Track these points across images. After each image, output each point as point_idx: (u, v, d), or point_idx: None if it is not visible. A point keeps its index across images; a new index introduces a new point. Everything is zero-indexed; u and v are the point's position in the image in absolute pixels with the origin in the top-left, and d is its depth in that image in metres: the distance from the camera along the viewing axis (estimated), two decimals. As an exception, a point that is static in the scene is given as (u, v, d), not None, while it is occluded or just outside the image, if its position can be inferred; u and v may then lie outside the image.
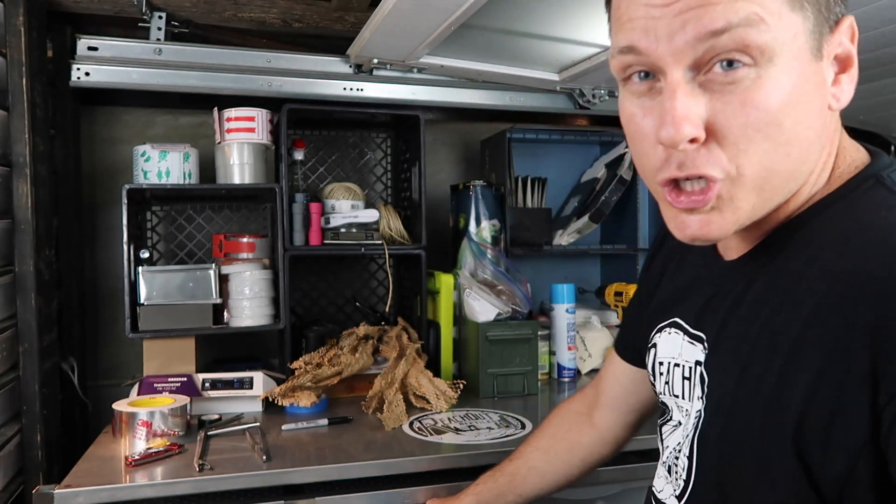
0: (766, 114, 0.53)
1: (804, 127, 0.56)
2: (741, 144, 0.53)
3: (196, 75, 1.89)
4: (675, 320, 0.74)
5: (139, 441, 1.52)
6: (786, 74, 0.53)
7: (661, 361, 0.76)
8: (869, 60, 1.71)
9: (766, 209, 0.59)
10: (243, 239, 1.94)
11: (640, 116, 0.58)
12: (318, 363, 1.82)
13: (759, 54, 0.52)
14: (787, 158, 0.56)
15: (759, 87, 0.53)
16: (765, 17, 0.51)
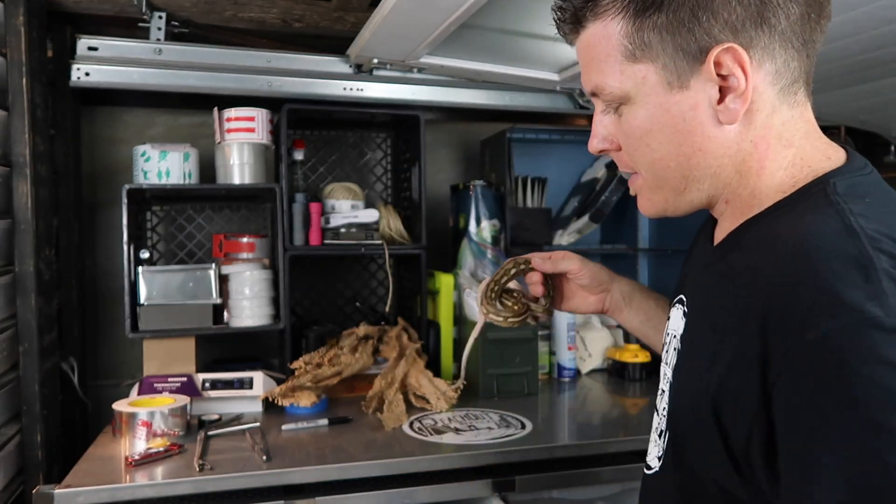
0: (634, 137, 0.72)
1: (676, 143, 0.70)
2: (629, 155, 0.75)
3: (196, 75, 1.89)
4: (680, 297, 0.81)
5: (139, 441, 1.52)
6: (643, 108, 0.70)
7: (666, 333, 0.82)
8: (869, 60, 1.71)
9: (687, 201, 0.74)
10: (243, 239, 1.94)
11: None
12: (318, 363, 1.82)
13: (619, 100, 0.72)
14: (667, 167, 0.72)
15: (626, 119, 0.72)
16: (607, 82, 0.71)
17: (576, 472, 1.48)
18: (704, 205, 0.75)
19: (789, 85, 0.70)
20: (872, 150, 2.79)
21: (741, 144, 0.69)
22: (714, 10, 0.65)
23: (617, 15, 0.69)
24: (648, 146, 0.71)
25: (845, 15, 1.40)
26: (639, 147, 0.72)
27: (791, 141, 0.70)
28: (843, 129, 2.78)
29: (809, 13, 0.71)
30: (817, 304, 0.55)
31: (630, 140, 0.73)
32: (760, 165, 0.70)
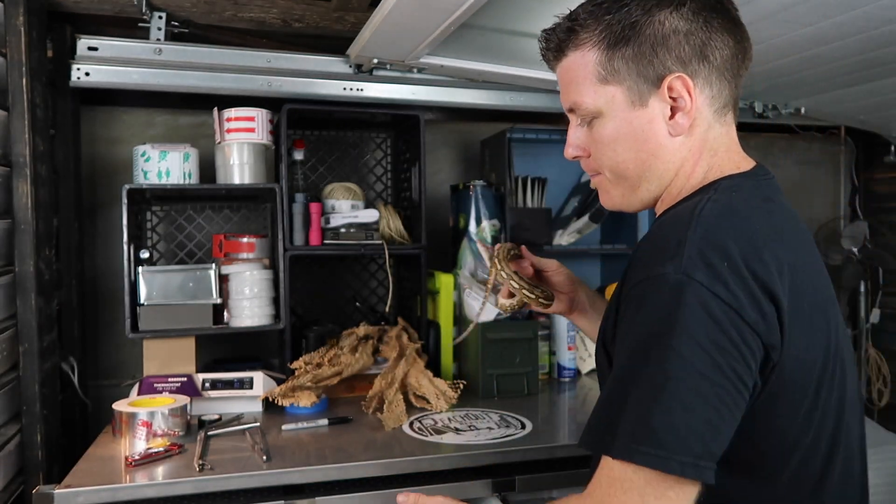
0: (602, 144, 0.92)
1: (631, 151, 0.90)
2: (597, 159, 0.94)
3: (196, 75, 1.89)
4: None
5: (139, 441, 1.52)
6: (611, 121, 0.90)
7: None
8: (869, 60, 1.71)
9: (639, 198, 0.94)
10: (243, 239, 1.94)
11: None
12: (318, 363, 1.82)
13: (591, 114, 0.91)
14: (626, 168, 0.91)
15: (596, 130, 0.92)
16: (583, 100, 0.90)
17: (576, 471, 1.48)
18: (651, 202, 0.94)
19: (721, 108, 0.90)
20: (872, 150, 2.79)
21: (683, 152, 0.89)
22: (668, 47, 0.85)
23: (594, 47, 0.87)
24: (614, 151, 0.90)
25: (845, 15, 1.40)
26: (605, 152, 0.91)
27: (716, 151, 0.91)
28: (843, 129, 2.78)
29: (737, 54, 0.89)
30: (641, 260, 0.82)
31: (599, 146, 0.91)
32: (693, 170, 0.90)
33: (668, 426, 0.71)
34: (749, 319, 0.73)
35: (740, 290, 0.73)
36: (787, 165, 2.76)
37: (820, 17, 1.42)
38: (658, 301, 0.75)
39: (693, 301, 0.72)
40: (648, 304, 0.76)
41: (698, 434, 0.71)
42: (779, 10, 1.39)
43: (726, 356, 0.72)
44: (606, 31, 0.86)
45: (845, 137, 2.82)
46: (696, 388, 0.71)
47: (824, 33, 1.51)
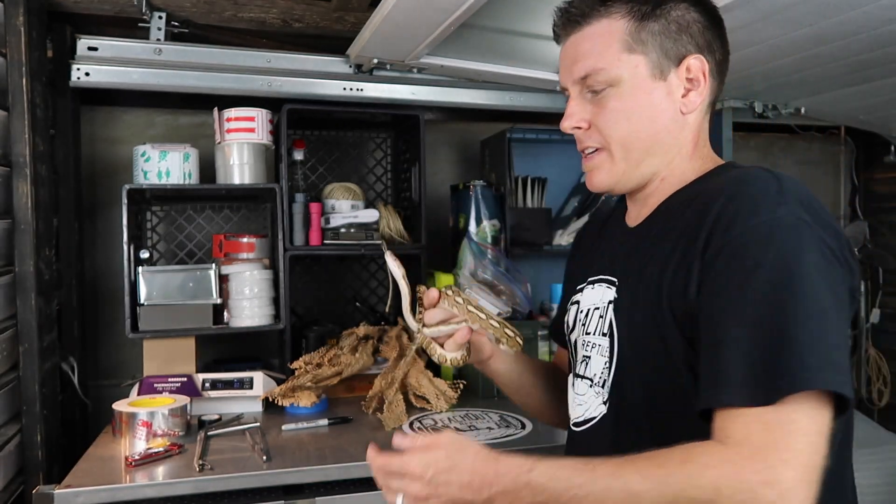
0: (616, 112, 0.91)
1: (645, 124, 0.91)
2: (606, 130, 0.92)
3: (196, 75, 1.89)
4: (599, 277, 0.99)
5: (139, 441, 1.52)
6: (629, 91, 0.90)
7: (583, 311, 1.00)
8: (869, 60, 1.71)
9: (639, 174, 0.93)
10: (243, 239, 1.94)
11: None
12: (318, 363, 1.82)
13: (608, 83, 0.90)
14: (636, 140, 0.91)
15: (611, 99, 0.91)
16: (605, 67, 0.90)
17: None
18: (645, 181, 0.94)
19: (710, 103, 0.95)
20: (872, 150, 2.79)
21: (686, 133, 0.93)
22: (691, 33, 0.91)
23: (623, 17, 0.90)
24: (629, 121, 0.91)
25: (845, 15, 1.40)
26: (619, 122, 0.91)
27: (705, 142, 0.96)
28: (843, 129, 2.78)
29: (726, 60, 0.95)
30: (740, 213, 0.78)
31: (611, 116, 0.91)
32: (692, 152, 0.94)
33: (840, 354, 0.71)
34: (847, 264, 0.78)
35: (838, 236, 0.78)
36: (787, 165, 2.76)
37: (820, 17, 1.42)
38: (784, 241, 0.75)
39: (813, 240, 0.75)
40: (773, 246, 0.74)
41: (847, 365, 0.73)
42: (779, 10, 1.39)
43: (842, 292, 0.76)
44: (637, 5, 0.90)
45: (845, 137, 2.82)
46: (837, 320, 0.74)
47: (824, 33, 1.51)
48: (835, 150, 2.84)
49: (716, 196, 0.82)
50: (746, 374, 0.71)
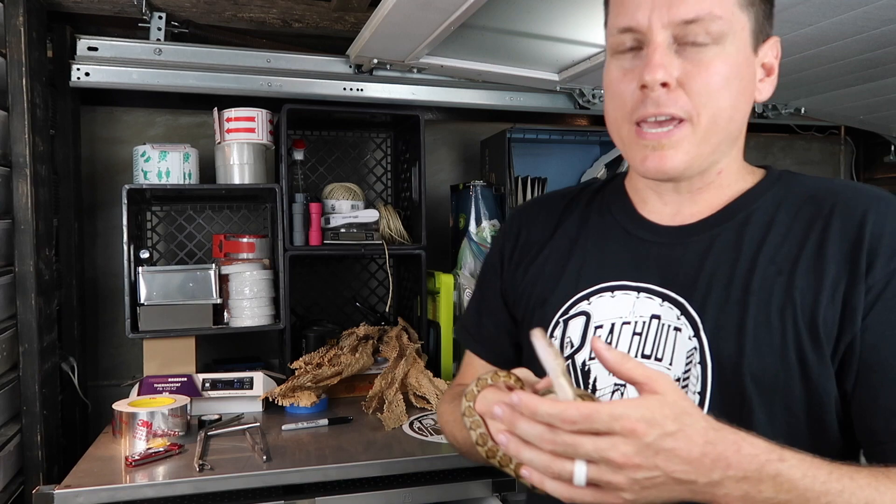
0: (719, 77, 0.73)
1: (740, 99, 0.76)
2: (702, 97, 0.73)
3: (196, 75, 1.89)
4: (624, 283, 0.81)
5: (139, 441, 1.52)
6: (733, 55, 0.74)
7: (601, 324, 0.81)
8: (869, 60, 1.71)
9: (705, 162, 0.77)
10: (243, 239, 1.94)
11: (622, 77, 0.76)
12: (319, 363, 1.82)
13: (716, 37, 0.72)
14: (729, 118, 0.75)
15: (714, 58, 0.73)
16: (721, 14, 0.72)
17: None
18: (705, 169, 0.79)
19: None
20: (872, 150, 2.79)
21: (745, 131, 0.81)
22: (773, 16, 0.80)
23: None
24: (728, 91, 0.74)
25: (845, 15, 1.40)
26: (719, 90, 0.73)
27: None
28: (843, 129, 2.78)
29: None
30: None
31: (712, 80, 0.73)
32: (742, 147, 0.83)
33: None
34: None
35: None
36: (787, 165, 2.75)
37: (820, 17, 1.42)
38: None
39: None
40: None
41: None
42: (779, 10, 1.37)
43: None
44: None
45: (845, 137, 2.82)
46: None
47: (824, 33, 1.51)
48: (835, 150, 2.84)
49: (850, 210, 0.73)
50: None
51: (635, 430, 0.56)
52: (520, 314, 0.92)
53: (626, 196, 0.88)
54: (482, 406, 0.68)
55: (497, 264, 0.96)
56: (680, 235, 0.80)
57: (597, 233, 0.88)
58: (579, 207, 0.91)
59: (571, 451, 0.58)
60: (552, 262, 0.89)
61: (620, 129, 0.78)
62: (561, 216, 0.92)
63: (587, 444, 0.57)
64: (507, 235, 0.97)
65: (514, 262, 0.93)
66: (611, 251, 0.85)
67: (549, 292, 0.87)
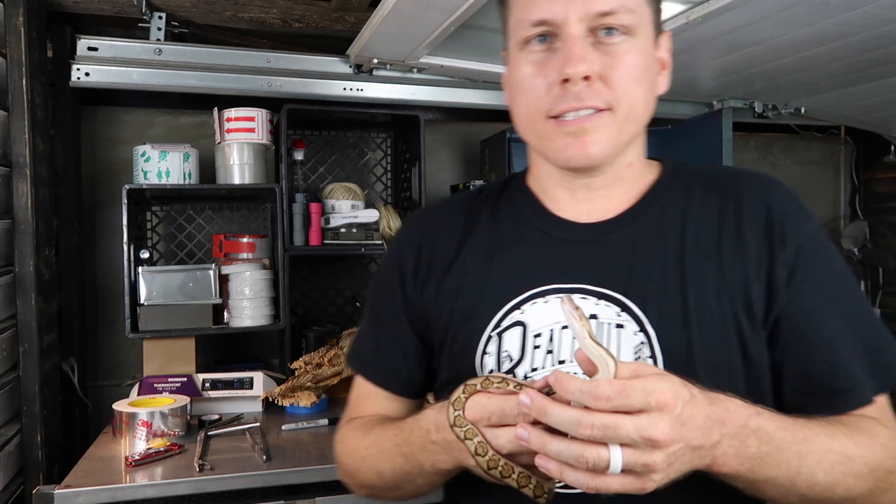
0: (635, 69, 0.74)
1: (650, 91, 0.77)
2: (621, 88, 0.73)
3: (196, 75, 1.89)
4: (554, 286, 0.77)
5: (139, 441, 1.52)
6: (643, 47, 0.75)
7: (538, 332, 0.76)
8: (869, 60, 1.71)
9: (621, 151, 0.78)
10: (243, 239, 1.94)
11: (536, 71, 0.75)
12: (319, 363, 1.82)
13: (629, 30, 0.73)
14: (644, 109, 0.76)
15: (629, 50, 0.73)
16: (633, 7, 0.73)
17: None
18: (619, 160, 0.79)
19: None
20: (872, 150, 2.79)
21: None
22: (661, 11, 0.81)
23: None
24: (642, 82, 0.75)
25: (845, 15, 1.40)
26: (635, 81, 0.74)
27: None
28: (843, 129, 2.78)
29: None
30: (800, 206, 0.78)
31: (629, 72, 0.73)
32: (644, 142, 0.83)
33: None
34: None
35: None
36: (787, 165, 2.76)
37: (820, 17, 1.42)
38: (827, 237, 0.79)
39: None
40: (830, 242, 0.78)
41: None
42: (779, 10, 1.39)
43: None
44: None
45: (845, 137, 2.82)
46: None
47: (824, 33, 1.51)
48: (835, 150, 2.84)
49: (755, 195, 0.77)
50: (868, 368, 0.73)
51: (668, 403, 0.56)
52: (437, 335, 0.84)
53: (534, 197, 0.84)
54: (476, 413, 0.65)
55: (396, 285, 0.87)
56: (601, 232, 0.79)
57: (514, 238, 0.82)
58: (485, 214, 0.86)
59: (611, 434, 0.55)
60: (470, 274, 0.82)
61: (535, 124, 0.76)
62: (466, 225, 0.86)
63: (628, 424, 0.55)
64: (404, 250, 0.88)
65: (421, 281, 0.85)
66: (535, 255, 0.80)
67: (475, 306, 0.80)
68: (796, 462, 0.64)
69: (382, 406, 0.89)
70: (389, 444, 0.78)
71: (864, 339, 0.74)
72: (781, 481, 0.64)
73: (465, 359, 0.79)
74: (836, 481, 0.66)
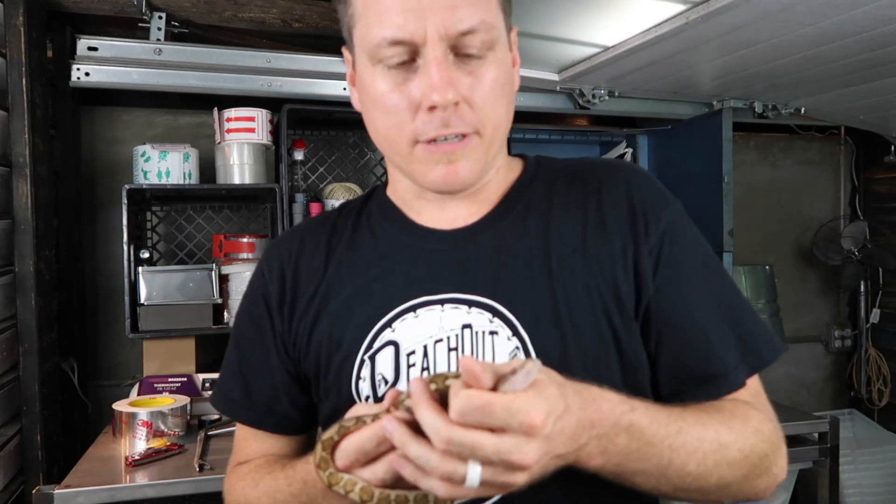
0: (497, 86, 0.69)
1: (511, 102, 0.73)
2: (485, 109, 0.69)
3: (196, 75, 1.89)
4: (425, 299, 0.73)
5: (139, 441, 1.52)
6: (502, 59, 0.71)
7: (412, 350, 0.73)
8: (869, 60, 1.71)
9: (490, 168, 0.75)
10: (243, 239, 1.94)
11: (394, 92, 0.69)
12: (318, 363, 1.82)
13: (489, 46, 0.68)
14: (507, 123, 0.73)
15: (489, 68, 0.69)
16: (492, 21, 0.68)
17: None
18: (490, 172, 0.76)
19: None
20: (872, 150, 2.79)
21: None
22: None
23: None
24: (504, 97, 0.71)
25: (845, 15, 1.40)
26: (497, 99, 0.70)
27: None
28: (843, 129, 2.78)
29: None
30: (659, 190, 0.78)
31: (492, 90, 0.69)
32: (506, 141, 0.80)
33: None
34: None
35: None
36: (787, 165, 2.76)
37: (820, 17, 1.42)
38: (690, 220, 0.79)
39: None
40: (692, 224, 0.78)
41: None
42: (779, 10, 1.39)
43: None
44: None
45: (845, 137, 2.82)
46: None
47: (824, 33, 1.51)
48: (835, 150, 2.84)
49: (615, 183, 0.76)
50: (739, 351, 0.74)
51: (535, 426, 0.52)
52: (311, 366, 0.78)
53: (396, 209, 0.80)
54: (345, 461, 0.60)
55: (262, 316, 0.81)
56: (466, 237, 0.76)
57: (376, 253, 0.78)
58: (346, 231, 0.81)
59: (468, 453, 0.52)
60: (334, 297, 0.77)
61: (399, 147, 0.71)
62: (328, 245, 0.81)
63: (488, 444, 0.51)
64: (267, 280, 0.82)
65: (288, 309, 0.80)
66: (400, 269, 0.76)
67: (343, 331, 0.75)
68: (668, 454, 0.63)
69: (267, 446, 0.83)
70: (284, 493, 0.73)
71: (733, 322, 0.74)
72: (651, 472, 0.63)
73: (340, 388, 0.75)
74: (708, 470, 0.65)
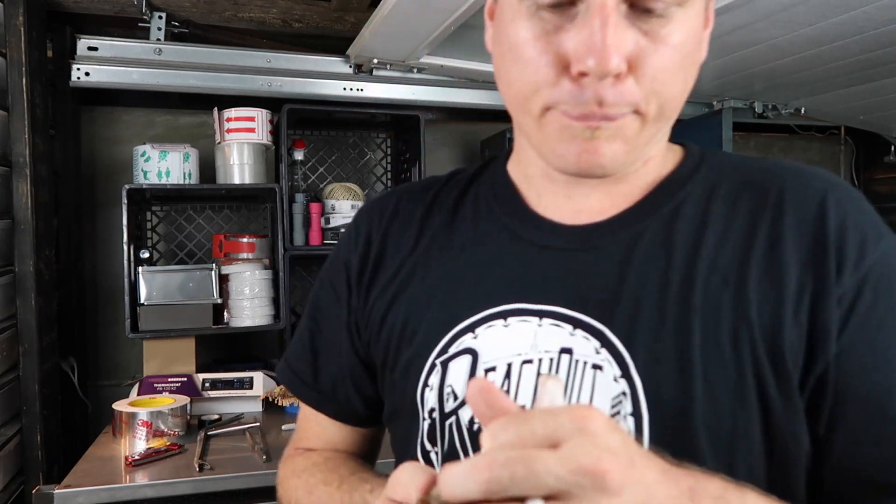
0: (679, 57, 0.51)
1: (691, 78, 0.54)
2: (655, 84, 0.51)
3: (196, 75, 1.89)
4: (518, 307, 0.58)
5: (139, 441, 1.52)
6: (694, 19, 0.52)
7: (491, 367, 0.57)
8: (869, 60, 1.71)
9: (641, 155, 0.57)
10: (243, 239, 1.94)
11: (539, 41, 0.52)
12: (318, 363, 1.81)
13: (679, 1, 0.50)
14: (679, 104, 0.54)
15: (675, 30, 0.50)
16: None
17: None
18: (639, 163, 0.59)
19: None
20: (872, 150, 2.79)
21: None
22: None
23: None
24: (684, 72, 0.52)
25: (845, 15, 1.40)
26: (675, 73, 0.51)
27: None
28: (843, 129, 2.78)
29: None
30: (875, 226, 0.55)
31: (671, 62, 0.51)
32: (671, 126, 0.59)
33: None
34: None
35: None
36: (787, 165, 2.76)
37: (820, 17, 1.42)
38: None
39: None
40: None
41: None
42: (779, 10, 1.39)
43: None
44: None
45: (845, 137, 2.82)
46: None
47: (824, 33, 1.51)
48: (835, 150, 2.84)
49: (803, 199, 0.56)
50: None
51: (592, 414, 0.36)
52: (379, 355, 0.66)
53: (512, 187, 0.64)
54: None
55: (341, 285, 0.71)
56: (590, 237, 0.58)
57: (475, 238, 0.63)
58: (448, 204, 0.67)
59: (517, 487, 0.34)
60: (418, 281, 0.64)
61: (529, 106, 0.55)
62: (425, 216, 0.67)
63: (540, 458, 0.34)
64: (351, 245, 0.71)
65: (367, 284, 0.68)
66: (499, 263, 0.60)
67: (418, 323, 0.62)
68: None
69: (330, 433, 0.73)
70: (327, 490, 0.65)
71: None
72: None
73: (405, 390, 0.62)
74: None
